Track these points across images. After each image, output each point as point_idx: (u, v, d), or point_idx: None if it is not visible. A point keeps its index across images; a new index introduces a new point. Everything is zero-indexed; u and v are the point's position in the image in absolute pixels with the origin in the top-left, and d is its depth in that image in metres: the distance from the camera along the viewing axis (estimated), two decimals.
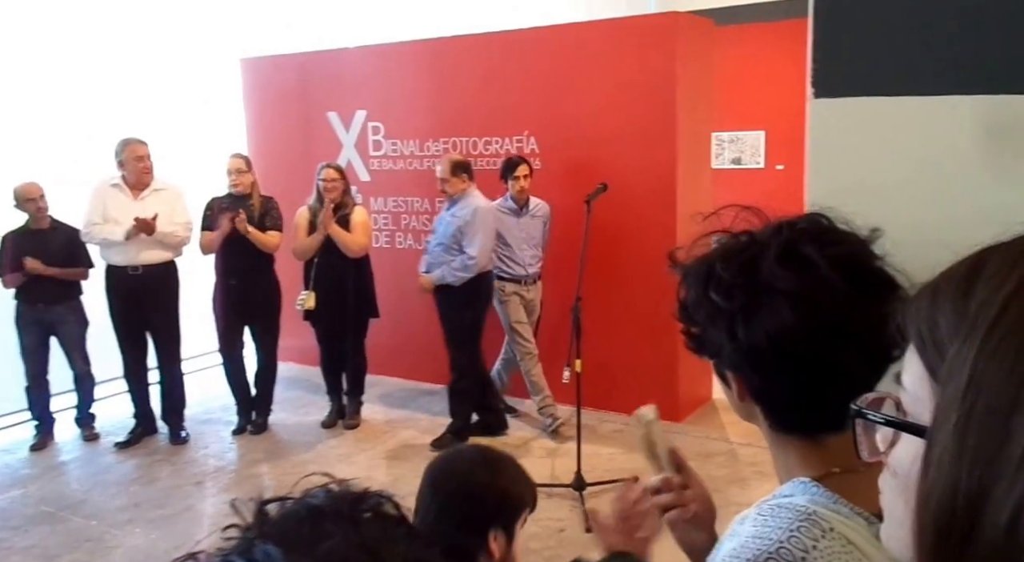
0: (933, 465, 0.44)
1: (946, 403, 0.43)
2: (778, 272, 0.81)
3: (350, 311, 4.87)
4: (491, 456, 1.54)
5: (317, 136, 5.98)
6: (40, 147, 5.37)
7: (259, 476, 4.52)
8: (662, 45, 4.72)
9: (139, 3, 6.00)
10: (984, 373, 0.42)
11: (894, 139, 1.32)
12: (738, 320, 0.83)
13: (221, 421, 5.19)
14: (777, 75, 6.00)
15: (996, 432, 0.40)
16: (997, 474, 0.40)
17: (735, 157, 5.91)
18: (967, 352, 0.43)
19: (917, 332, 0.48)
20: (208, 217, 4.81)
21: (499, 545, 1.42)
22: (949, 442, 0.43)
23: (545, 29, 5.13)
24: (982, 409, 0.41)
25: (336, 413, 5.14)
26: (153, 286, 4.67)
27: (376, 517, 0.63)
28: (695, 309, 0.88)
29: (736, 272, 0.84)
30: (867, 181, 1.34)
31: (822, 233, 0.85)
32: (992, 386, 0.41)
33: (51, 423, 4.95)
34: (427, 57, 5.53)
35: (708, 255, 0.89)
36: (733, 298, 0.83)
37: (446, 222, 4.61)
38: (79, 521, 3.98)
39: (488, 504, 1.43)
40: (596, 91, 4.91)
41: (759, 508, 0.82)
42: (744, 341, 0.82)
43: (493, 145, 5.34)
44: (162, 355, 4.85)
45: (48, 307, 4.67)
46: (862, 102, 1.32)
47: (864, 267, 0.83)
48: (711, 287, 0.85)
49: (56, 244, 4.65)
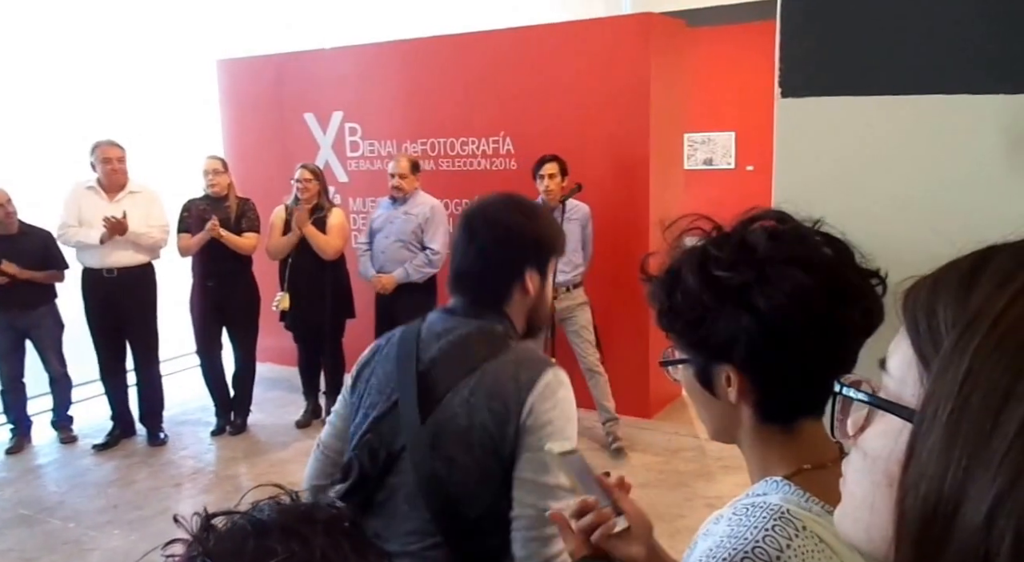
0: (922, 455, 0.44)
1: (941, 394, 0.43)
2: (775, 245, 0.82)
3: (326, 311, 4.89)
4: (524, 202, 1.56)
5: (294, 137, 6.00)
6: (11, 150, 5.34)
7: (238, 477, 4.53)
8: (635, 46, 4.78)
9: (116, 5, 5.98)
10: (982, 367, 0.42)
11: (861, 138, 1.34)
12: (755, 291, 0.81)
13: (200, 422, 5.20)
14: (747, 77, 6.10)
15: (985, 426, 0.41)
16: (981, 467, 0.40)
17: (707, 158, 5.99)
18: (966, 344, 0.43)
19: (913, 319, 0.48)
20: (185, 219, 4.82)
21: (534, 283, 1.48)
22: (942, 433, 0.43)
23: (520, 30, 5.17)
24: (976, 402, 0.41)
25: (312, 413, 5.17)
26: (129, 289, 4.66)
27: (326, 531, 0.60)
28: (695, 299, 0.85)
29: (733, 251, 0.84)
30: (834, 179, 1.36)
31: (786, 218, 0.88)
32: (989, 380, 0.41)
33: (28, 426, 4.93)
34: (403, 58, 5.55)
35: (693, 248, 0.87)
36: (741, 272, 0.82)
37: (400, 220, 4.65)
38: (57, 523, 3.99)
39: (524, 244, 1.48)
40: (571, 92, 4.96)
41: (734, 507, 0.83)
42: (766, 308, 0.81)
43: (469, 146, 5.39)
44: (139, 357, 4.85)
45: (23, 311, 4.65)
46: (829, 102, 1.34)
47: (841, 242, 0.86)
48: (712, 267, 0.84)
49: (28, 248, 4.62)
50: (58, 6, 5.68)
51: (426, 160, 5.54)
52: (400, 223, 4.66)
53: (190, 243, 4.75)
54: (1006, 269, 0.44)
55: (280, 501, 0.62)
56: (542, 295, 1.52)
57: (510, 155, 5.25)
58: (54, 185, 4.96)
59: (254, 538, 0.59)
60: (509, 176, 5.24)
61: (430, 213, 4.65)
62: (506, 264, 1.48)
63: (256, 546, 0.58)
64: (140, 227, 4.61)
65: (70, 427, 5.00)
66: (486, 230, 1.48)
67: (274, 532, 0.59)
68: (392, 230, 4.68)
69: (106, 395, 4.92)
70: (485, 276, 1.48)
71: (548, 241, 1.52)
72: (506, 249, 1.48)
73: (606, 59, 4.85)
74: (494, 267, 1.47)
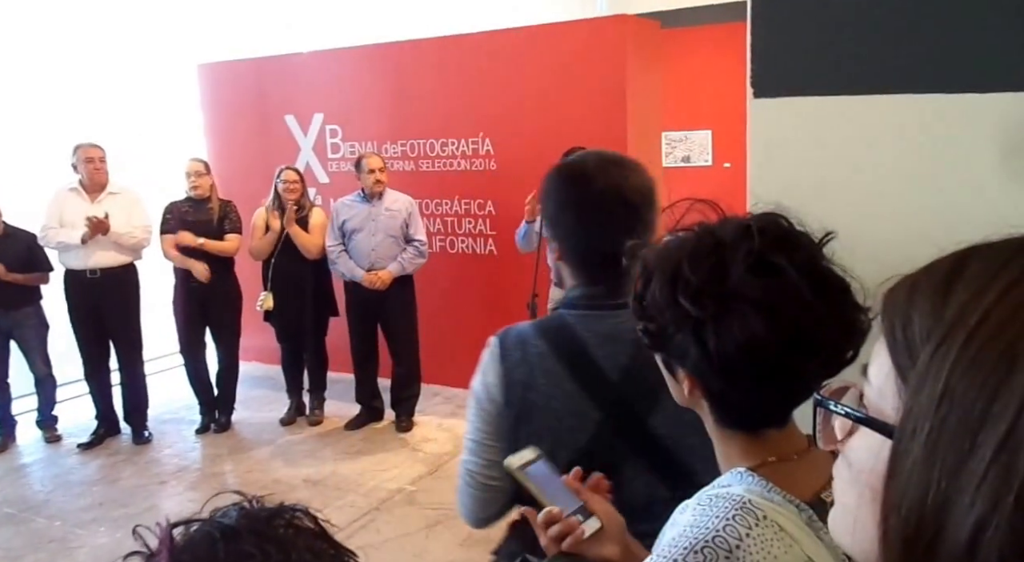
0: (903, 474, 0.42)
1: (918, 412, 0.42)
2: (749, 281, 0.81)
3: (309, 310, 4.97)
4: (617, 156, 1.37)
5: (275, 139, 6.04)
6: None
7: (223, 474, 4.58)
8: (611, 47, 4.86)
9: (97, 9, 6.01)
10: (958, 384, 0.40)
11: (833, 138, 1.34)
12: (708, 328, 0.81)
13: (184, 421, 5.24)
14: (723, 76, 6.20)
15: (964, 446, 0.39)
16: (961, 489, 0.39)
17: (684, 156, 6.10)
18: (941, 360, 0.41)
19: (890, 326, 0.46)
20: (168, 221, 4.87)
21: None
22: (921, 453, 0.41)
23: (498, 32, 5.24)
24: (954, 422, 0.40)
25: (296, 410, 5.22)
26: (111, 289, 4.70)
27: (298, 533, 0.59)
28: (659, 311, 0.86)
29: (705, 276, 0.82)
30: (808, 179, 1.36)
31: (786, 238, 0.85)
32: (965, 399, 0.40)
33: (12, 426, 4.96)
34: (383, 60, 5.62)
35: (674, 253, 0.86)
36: (704, 306, 0.81)
37: (384, 216, 4.77)
38: (42, 522, 4.02)
39: (639, 202, 1.28)
40: (549, 93, 5.03)
41: (699, 498, 0.85)
42: (714, 350, 0.81)
43: (449, 147, 5.45)
44: (123, 357, 4.89)
45: (7, 312, 4.68)
46: (802, 102, 1.35)
47: (824, 273, 0.84)
48: (679, 291, 0.83)
49: (11, 250, 4.65)
50: (42, 11, 5.70)
51: (406, 161, 5.61)
52: (385, 219, 4.77)
53: (175, 255, 4.80)
54: (982, 276, 0.43)
55: (244, 506, 0.60)
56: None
57: (489, 156, 5.32)
58: (38, 188, 4.98)
59: (224, 542, 0.57)
60: (488, 177, 5.33)
61: (411, 207, 4.84)
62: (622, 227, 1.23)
63: (228, 550, 0.56)
64: (122, 227, 4.65)
65: (55, 426, 5.03)
66: (642, 198, 1.28)
67: (245, 536, 0.57)
68: (378, 227, 4.77)
69: (90, 395, 4.95)
70: (599, 243, 1.26)
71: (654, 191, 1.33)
72: (656, 220, 1.29)
73: (583, 60, 4.93)
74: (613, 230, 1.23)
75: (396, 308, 4.86)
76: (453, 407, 5.30)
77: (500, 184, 5.26)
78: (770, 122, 1.38)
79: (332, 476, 4.43)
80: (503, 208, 5.28)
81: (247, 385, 5.45)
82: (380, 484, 4.30)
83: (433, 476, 4.35)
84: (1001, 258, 0.43)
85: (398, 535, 3.75)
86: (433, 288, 5.34)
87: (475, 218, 5.46)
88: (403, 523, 3.87)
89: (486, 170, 5.34)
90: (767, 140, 1.40)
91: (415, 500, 4.10)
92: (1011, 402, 0.38)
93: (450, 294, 5.46)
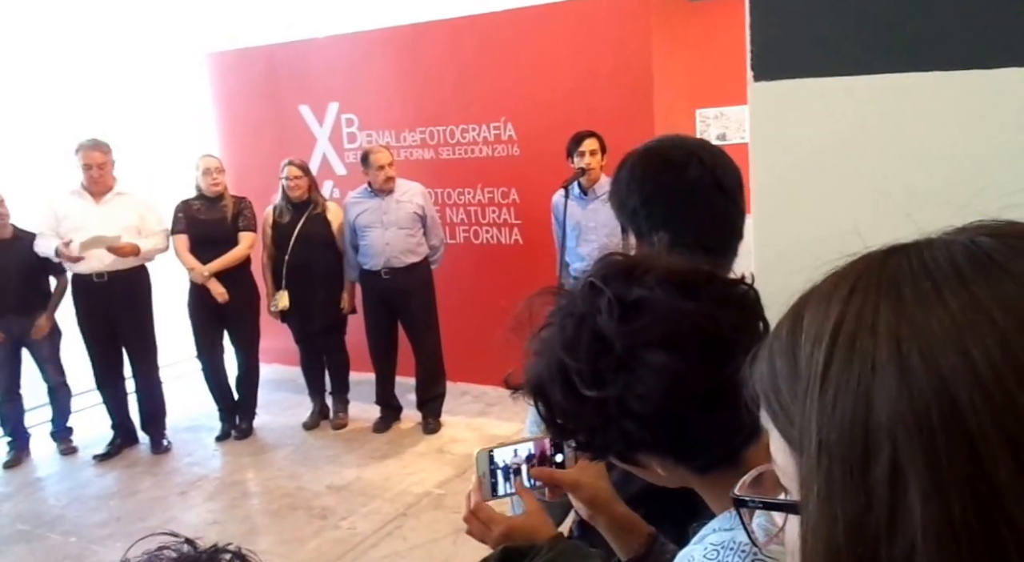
0: (809, 540, 0.42)
1: (806, 472, 0.42)
2: (627, 330, 0.77)
3: (325, 309, 4.75)
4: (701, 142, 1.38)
5: (290, 131, 5.84)
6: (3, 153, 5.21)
7: (245, 482, 4.39)
8: (636, 22, 4.65)
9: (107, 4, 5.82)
10: (830, 433, 0.40)
11: (837, 120, 1.31)
12: (630, 398, 0.77)
13: (204, 428, 5.05)
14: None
15: (859, 495, 0.39)
16: (874, 539, 0.38)
17: (720, 133, 5.82)
18: (809, 414, 0.41)
19: (767, 401, 0.46)
20: (179, 220, 4.67)
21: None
22: (818, 514, 0.41)
23: (517, 11, 5.01)
24: (839, 472, 0.40)
25: (318, 414, 5.03)
26: (121, 292, 4.50)
27: None
28: (575, 417, 0.81)
29: (591, 358, 0.78)
30: (811, 163, 1.32)
31: (630, 270, 0.81)
32: (841, 445, 0.40)
33: (26, 438, 4.79)
34: (399, 44, 5.40)
35: (549, 357, 0.81)
36: (609, 383, 0.77)
37: (395, 209, 4.60)
38: (57, 538, 3.85)
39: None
40: (572, 73, 4.82)
41: (703, 548, 0.80)
42: (649, 412, 0.77)
43: (470, 133, 5.24)
44: (137, 363, 4.69)
45: (18, 318, 4.50)
46: (803, 84, 1.31)
47: (683, 274, 0.81)
48: (580, 385, 0.78)
49: (20, 253, 4.47)
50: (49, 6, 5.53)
51: (425, 149, 5.40)
52: (395, 212, 4.58)
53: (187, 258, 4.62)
54: (815, 323, 0.43)
55: (179, 550, 0.58)
56: None
57: (512, 141, 5.11)
58: (45, 188, 4.81)
59: None
60: (512, 163, 5.12)
61: (422, 197, 4.70)
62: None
63: None
64: (146, 242, 4.50)
65: (70, 438, 4.85)
66: (738, 183, 1.30)
67: None
68: (390, 221, 4.58)
69: (105, 404, 4.77)
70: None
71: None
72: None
73: (606, 37, 4.72)
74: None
75: (414, 301, 4.67)
76: (482, 406, 5.10)
77: (524, 170, 5.04)
78: (772, 106, 1.36)
79: (357, 481, 4.23)
80: (528, 196, 5.07)
81: (268, 388, 5.26)
82: (407, 488, 4.12)
83: (461, 478, 4.16)
84: (826, 296, 0.44)
85: (425, 541, 3.61)
86: (457, 281, 5.14)
87: (499, 207, 5.23)
88: (430, 529, 3.71)
89: (509, 156, 5.13)
90: (769, 125, 1.37)
91: (443, 504, 3.93)
92: (882, 436, 0.38)
93: (475, 287, 5.23)
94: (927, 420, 0.37)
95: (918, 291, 0.40)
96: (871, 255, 0.45)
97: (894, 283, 0.42)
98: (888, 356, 0.39)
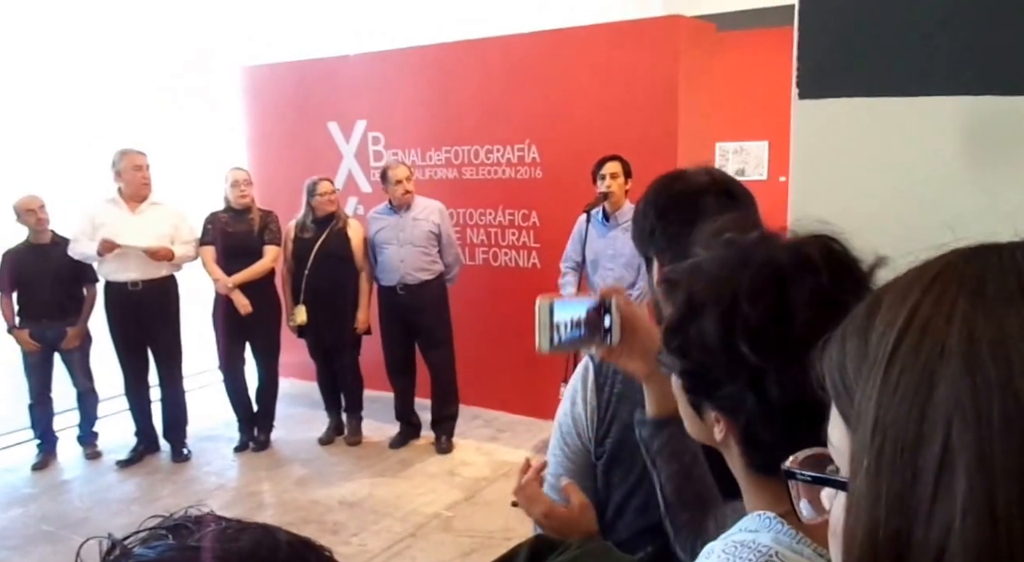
0: (852, 513, 0.42)
1: (857, 448, 0.42)
2: (819, 327, 0.74)
3: (343, 326, 4.81)
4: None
5: (317, 147, 5.94)
6: (37, 160, 5.36)
7: (261, 494, 4.49)
8: (664, 50, 4.64)
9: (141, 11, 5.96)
10: (887, 412, 0.41)
11: (878, 140, 1.32)
12: (770, 379, 0.73)
13: (223, 438, 5.16)
14: (782, 84, 5.84)
15: (906, 472, 0.39)
16: (913, 516, 0.39)
17: (739, 168, 5.78)
18: (869, 394, 0.42)
19: (832, 382, 0.46)
20: (208, 231, 4.78)
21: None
22: (864, 488, 0.41)
23: (545, 33, 5.04)
24: (890, 450, 0.40)
25: (334, 429, 5.11)
26: (153, 301, 4.62)
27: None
28: (707, 352, 0.77)
29: (768, 318, 0.74)
30: (853, 183, 1.33)
31: (849, 271, 0.77)
32: (897, 425, 0.40)
33: (54, 442, 4.93)
34: (427, 64, 5.47)
35: (726, 284, 0.77)
36: (768, 354, 0.73)
37: (410, 226, 4.68)
38: (79, 540, 3.88)
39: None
40: (597, 98, 4.84)
41: (724, 545, 0.79)
42: (777, 403, 0.73)
43: (494, 154, 5.28)
44: (163, 372, 4.82)
45: (52, 323, 4.65)
46: (848, 103, 1.33)
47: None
48: (739, 334, 0.74)
49: (59, 259, 4.61)
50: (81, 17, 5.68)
51: (449, 168, 5.46)
52: (411, 230, 4.66)
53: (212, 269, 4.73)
54: (893, 307, 0.43)
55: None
56: None
57: (535, 163, 5.15)
58: (82, 196, 4.93)
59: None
60: (534, 185, 5.16)
61: (439, 215, 4.73)
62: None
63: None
64: (179, 249, 4.63)
65: (95, 443, 4.99)
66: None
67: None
68: (405, 238, 4.66)
69: (130, 410, 4.90)
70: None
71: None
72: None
73: (634, 63, 4.72)
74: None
75: (427, 316, 4.74)
76: (493, 431, 5.15)
77: (545, 193, 5.08)
78: (815, 124, 1.38)
79: (369, 499, 4.30)
80: (548, 219, 5.10)
81: (285, 402, 5.34)
82: (417, 508, 4.18)
83: (469, 502, 4.21)
84: (907, 284, 0.44)
85: None
86: (474, 304, 5.19)
87: (519, 229, 5.28)
88: (438, 551, 3.76)
89: (532, 178, 5.17)
90: (812, 144, 1.39)
91: (451, 527, 3.98)
92: (938, 420, 0.39)
93: (491, 311, 5.27)
94: (987, 410, 0.37)
95: (1001, 288, 0.40)
96: (958, 250, 0.45)
97: (978, 277, 0.42)
98: (958, 343, 0.39)
